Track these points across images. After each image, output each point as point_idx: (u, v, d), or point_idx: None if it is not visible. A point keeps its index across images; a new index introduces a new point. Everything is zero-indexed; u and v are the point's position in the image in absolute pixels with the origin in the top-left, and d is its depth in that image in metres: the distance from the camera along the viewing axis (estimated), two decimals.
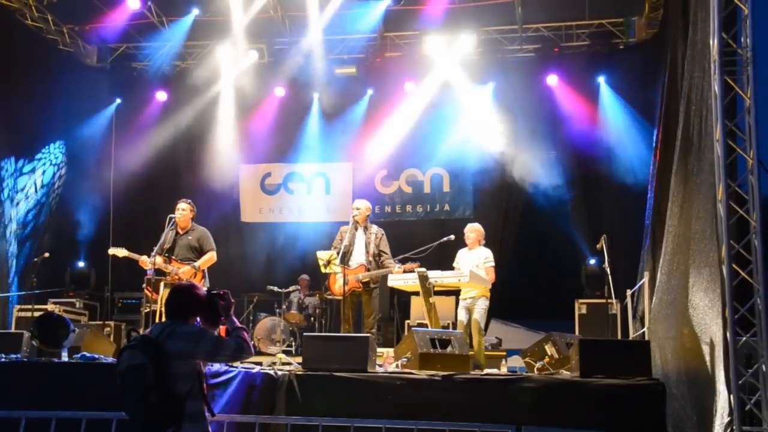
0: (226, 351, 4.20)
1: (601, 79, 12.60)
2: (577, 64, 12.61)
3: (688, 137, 6.87)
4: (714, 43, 5.89)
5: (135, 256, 8.52)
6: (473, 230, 9.28)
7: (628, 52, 12.51)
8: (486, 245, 9.27)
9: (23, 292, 11.08)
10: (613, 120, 12.30)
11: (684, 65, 7.36)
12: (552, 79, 12.62)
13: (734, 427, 5.37)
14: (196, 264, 8.49)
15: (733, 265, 5.66)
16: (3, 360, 7.03)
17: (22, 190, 12.08)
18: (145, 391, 3.95)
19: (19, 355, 7.27)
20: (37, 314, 9.26)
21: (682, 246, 6.84)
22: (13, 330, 10.28)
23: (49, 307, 10.90)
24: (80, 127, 13.25)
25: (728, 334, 5.51)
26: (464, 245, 9.29)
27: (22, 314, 10.76)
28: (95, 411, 5.77)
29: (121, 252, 8.62)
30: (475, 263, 8.97)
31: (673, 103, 8.16)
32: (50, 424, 5.68)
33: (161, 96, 13.78)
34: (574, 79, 12.59)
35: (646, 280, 9.42)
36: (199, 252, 8.64)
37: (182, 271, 8.39)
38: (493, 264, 9.08)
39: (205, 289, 4.35)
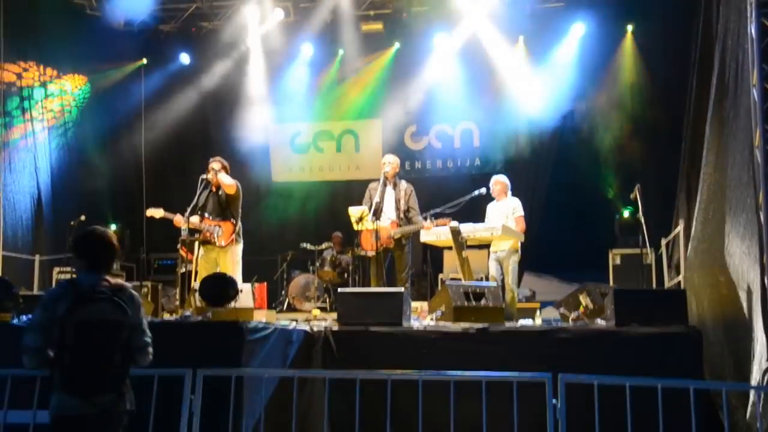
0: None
1: (630, 26, 12.41)
2: (607, 11, 12.35)
3: (724, 83, 6.75)
4: None
5: (170, 215, 8.50)
6: (497, 182, 9.20)
7: None
8: (518, 198, 9.22)
9: (60, 255, 11.23)
10: (644, 67, 12.12)
11: (719, 8, 7.19)
12: (580, 29, 12.42)
13: None
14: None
15: None
16: None
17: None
18: (116, 348, 3.80)
19: None
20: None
21: (718, 193, 6.76)
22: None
23: None
24: (109, 90, 13.37)
25: (765, 280, 5.47)
26: (492, 199, 9.26)
27: (63, 276, 10.92)
28: None
29: (158, 213, 8.57)
30: (504, 214, 8.94)
31: (708, 47, 7.98)
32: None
33: (187, 57, 13.84)
34: (605, 27, 12.35)
35: (681, 228, 9.35)
36: (227, 202, 8.46)
37: (221, 232, 8.34)
38: (522, 213, 9.02)
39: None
